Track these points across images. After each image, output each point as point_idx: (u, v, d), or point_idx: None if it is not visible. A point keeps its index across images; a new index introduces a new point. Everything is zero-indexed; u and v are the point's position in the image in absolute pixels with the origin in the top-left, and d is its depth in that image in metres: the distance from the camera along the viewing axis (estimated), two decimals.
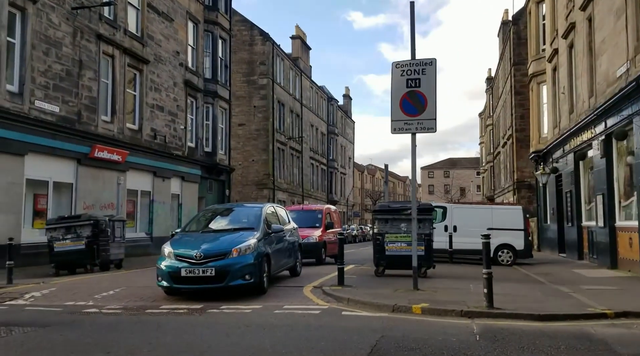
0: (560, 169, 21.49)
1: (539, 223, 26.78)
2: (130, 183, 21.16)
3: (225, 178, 30.25)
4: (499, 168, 47.74)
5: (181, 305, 8.38)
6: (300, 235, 15.19)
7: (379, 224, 11.99)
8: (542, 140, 25.12)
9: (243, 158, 38.95)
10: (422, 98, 9.64)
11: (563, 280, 12.38)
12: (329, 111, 58.25)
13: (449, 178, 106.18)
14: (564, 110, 20.53)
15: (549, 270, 15.38)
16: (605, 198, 15.43)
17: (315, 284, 10.49)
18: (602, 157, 15.56)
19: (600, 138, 15.75)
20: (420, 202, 12.57)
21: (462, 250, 18.41)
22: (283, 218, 11.57)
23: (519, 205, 21.07)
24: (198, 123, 26.87)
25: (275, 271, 10.27)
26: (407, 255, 11.57)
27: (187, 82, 25.64)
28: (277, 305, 8.19)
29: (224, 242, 9.03)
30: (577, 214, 19.14)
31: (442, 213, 18.96)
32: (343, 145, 66.15)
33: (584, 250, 18.70)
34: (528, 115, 31.49)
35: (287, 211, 12.30)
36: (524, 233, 18.17)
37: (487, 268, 7.72)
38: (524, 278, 12.84)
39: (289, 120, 44.06)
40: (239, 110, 39.14)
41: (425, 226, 11.87)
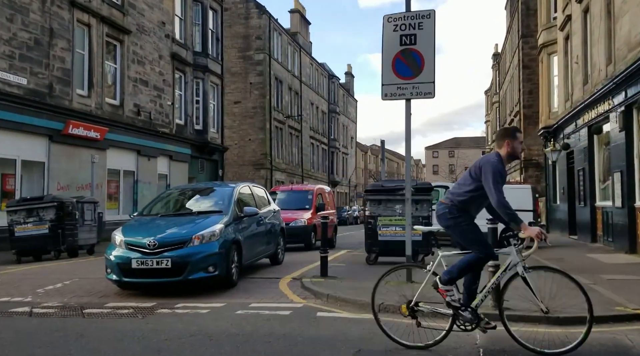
0: (572, 145, 19.98)
1: (547, 203, 25.35)
2: (112, 162, 19.85)
3: (218, 157, 28.91)
4: None
5: (129, 302, 7.08)
6: (287, 218, 13.92)
7: (370, 206, 10.63)
8: (552, 115, 23.55)
9: (239, 138, 37.54)
10: (419, 57, 8.17)
11: (579, 267, 11.00)
12: (330, 89, 56.52)
13: (454, 158, 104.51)
14: (577, 82, 18.94)
15: (561, 255, 14.02)
16: (623, 175, 13.97)
17: (296, 275, 9.16)
18: (621, 131, 14.06)
19: (619, 109, 14.23)
20: (417, 181, 11.16)
21: None
22: (262, 200, 10.20)
23: (528, 184, 19.63)
24: (187, 100, 25.42)
25: (250, 260, 8.95)
26: (403, 240, 10.24)
27: (175, 55, 24.12)
28: (243, 303, 6.88)
29: (184, 228, 7.70)
30: (591, 193, 17.70)
31: (444, 194, 17.60)
32: (345, 124, 64.54)
33: (598, 232, 17.30)
34: (537, 90, 29.87)
35: (267, 191, 10.90)
36: (533, 214, 16.78)
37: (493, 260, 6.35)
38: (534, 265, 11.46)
39: (287, 97, 42.47)
40: (234, 87, 37.60)
41: (423, 208, 10.50)
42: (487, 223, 6.57)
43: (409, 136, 8.42)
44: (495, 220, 6.45)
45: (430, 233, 10.49)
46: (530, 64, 33.13)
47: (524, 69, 33.95)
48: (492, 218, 6.40)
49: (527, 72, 33.79)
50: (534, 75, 31.97)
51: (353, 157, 70.76)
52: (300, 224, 13.71)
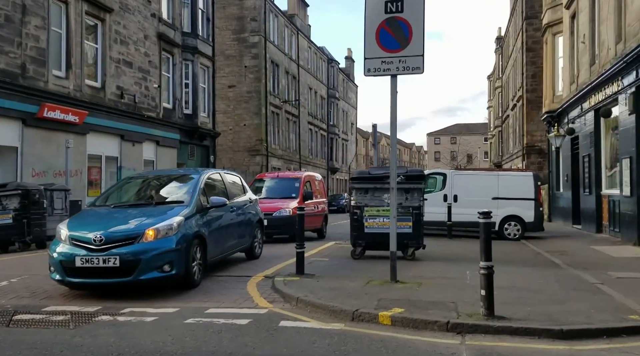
0: (577, 130, 18.96)
1: (550, 190, 24.39)
2: (92, 148, 18.91)
3: (210, 143, 27.95)
4: (508, 133, 45.08)
5: (71, 306, 6.20)
6: (271, 208, 13.01)
7: (356, 195, 9.68)
8: (556, 98, 22.48)
9: (234, 123, 36.51)
10: (406, 27, 7.18)
11: (584, 261, 10.10)
12: (329, 73, 55.27)
13: (456, 145, 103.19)
14: (584, 62, 17.87)
15: (565, 247, 13.11)
16: (633, 162, 12.99)
17: (270, 272, 8.25)
18: (631, 113, 13.05)
19: (629, 91, 13.20)
20: (408, 168, 10.18)
21: (462, 223, 16.13)
22: (235, 188, 9.26)
23: (530, 171, 18.64)
24: (175, 82, 24.38)
25: (218, 256, 8.03)
26: None
27: (161, 35, 23.04)
28: (199, 308, 5.99)
29: (136, 221, 6.77)
30: (596, 181, 16.73)
31: (442, 181, 16.65)
32: (345, 110, 63.37)
33: (603, 221, 16.36)
34: (540, 73, 28.76)
35: (242, 178, 9.94)
36: (535, 203, 15.82)
37: (486, 259, 5.43)
38: (535, 259, 10.57)
39: (284, 82, 41.33)
40: (228, 71, 36.50)
41: (413, 197, 9.56)
42: (478, 217, 5.61)
43: (394, 117, 7.46)
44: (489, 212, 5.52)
45: (421, 225, 9.60)
46: (534, 47, 31.93)
47: (528, 52, 32.76)
48: (485, 212, 5.47)
49: (530, 54, 32.62)
50: (537, 58, 30.82)
51: (353, 144, 69.66)
52: (284, 214, 12.76)
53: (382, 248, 9.51)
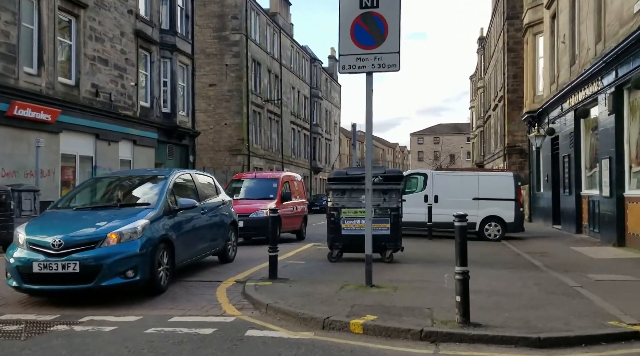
0: (557, 130, 18.96)
1: (531, 191, 24.44)
2: (66, 147, 18.39)
3: (189, 142, 27.50)
4: (489, 133, 45.30)
5: (28, 314, 5.86)
6: (248, 209, 12.70)
7: (333, 196, 9.43)
8: (536, 98, 22.52)
9: (215, 122, 36.06)
10: (382, 23, 6.95)
11: (564, 263, 9.98)
12: (312, 73, 55.00)
13: (439, 145, 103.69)
14: (564, 63, 17.86)
15: (545, 248, 13.02)
16: (612, 162, 12.96)
17: (243, 276, 7.96)
18: (611, 114, 13.02)
19: (608, 91, 13.17)
20: (386, 168, 9.94)
21: (443, 224, 15.99)
22: (207, 189, 8.95)
23: (510, 171, 18.60)
24: (153, 80, 23.89)
25: (187, 260, 7.71)
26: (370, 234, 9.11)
27: (139, 32, 22.55)
28: (163, 316, 5.69)
29: (99, 224, 6.43)
30: (576, 181, 16.72)
31: (423, 182, 16.51)
32: (328, 109, 63.16)
33: (583, 222, 16.37)
34: (521, 74, 28.85)
35: (215, 179, 9.62)
36: (515, 203, 15.75)
37: (461, 264, 5.21)
38: (514, 261, 10.42)
39: (266, 81, 40.95)
40: (209, 69, 36.04)
41: (391, 198, 9.33)
42: (453, 220, 5.39)
43: (370, 115, 7.22)
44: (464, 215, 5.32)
45: (399, 226, 9.38)
46: (515, 47, 32.07)
47: (509, 52, 32.90)
48: (461, 215, 5.26)
49: (511, 55, 32.77)
50: (519, 59, 30.92)
51: (337, 143, 69.48)
52: (261, 215, 12.43)
53: (360, 250, 9.27)
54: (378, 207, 9.26)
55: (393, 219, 9.31)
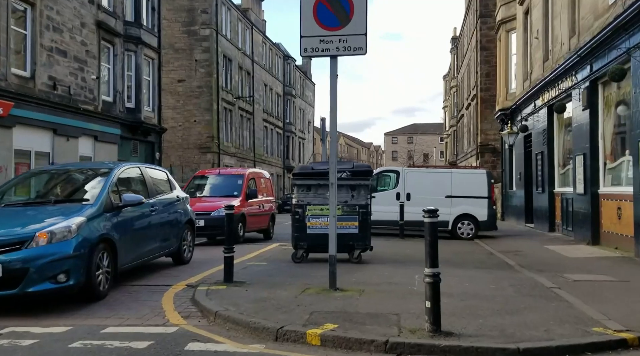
0: (530, 128, 18.73)
1: (503, 189, 24.27)
2: (20, 142, 17.30)
3: (155, 139, 26.52)
4: (462, 132, 45.34)
5: None
6: (208, 207, 11.99)
7: (298, 192, 8.83)
8: (509, 96, 22.32)
9: (184, 119, 35.07)
10: (347, 3, 6.37)
11: (538, 262, 9.58)
12: (286, 70, 54.28)
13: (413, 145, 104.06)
14: (537, 59, 17.62)
15: (518, 246, 12.66)
16: (586, 159, 12.67)
17: (196, 280, 7.28)
18: (585, 109, 12.72)
19: (583, 85, 12.88)
20: (355, 163, 9.37)
21: (415, 222, 15.54)
22: (159, 185, 8.23)
23: (483, 169, 18.29)
24: (117, 74, 22.88)
25: (133, 262, 7.00)
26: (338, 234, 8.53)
27: (100, 23, 21.53)
28: (96, 326, 5.00)
29: (27, 222, 5.69)
30: (549, 179, 16.48)
31: (396, 179, 16.05)
32: (302, 108, 62.52)
33: (556, 220, 16.12)
34: (494, 73, 28.73)
35: (170, 174, 8.89)
36: (488, 201, 15.40)
37: (432, 266, 4.65)
38: (488, 261, 9.98)
39: (237, 77, 40.10)
40: (178, 64, 35.05)
41: (360, 195, 8.77)
42: (424, 217, 4.84)
43: (334, 103, 6.64)
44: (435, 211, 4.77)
45: (369, 225, 8.83)
46: (488, 46, 31.97)
47: (482, 51, 32.79)
48: (431, 210, 4.71)
49: (484, 53, 32.66)
50: (491, 57, 30.84)
51: (311, 142, 68.88)
52: (223, 214, 11.66)
53: (326, 250, 8.69)
54: (345, 204, 8.69)
55: (361, 217, 8.75)
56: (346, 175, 8.69)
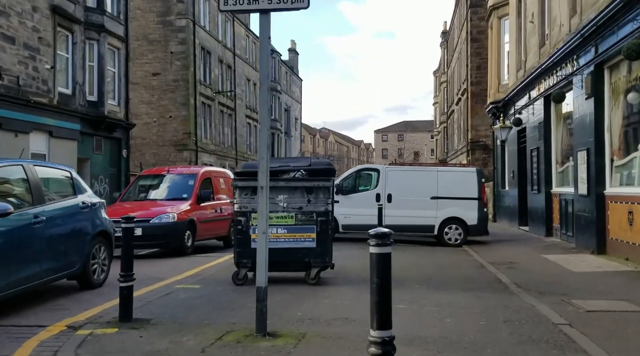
0: (524, 121, 17.08)
1: (495, 188, 22.64)
2: None
3: (122, 135, 24.60)
4: (453, 129, 43.78)
5: None
6: (148, 213, 10.17)
7: (241, 196, 7.07)
8: (501, 88, 20.67)
9: (158, 114, 33.16)
10: None
11: (537, 279, 7.92)
12: (270, 65, 52.38)
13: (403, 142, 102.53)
14: (532, 45, 15.96)
15: (513, 256, 11.00)
16: (590, 154, 11.02)
17: (85, 317, 5.42)
18: (589, 98, 11.07)
19: (586, 71, 11.22)
20: (312, 159, 7.56)
21: (396, 227, 13.83)
22: (56, 187, 6.46)
23: (473, 166, 16.65)
24: (76, 64, 20.96)
25: (8, 291, 5.21)
26: (290, 248, 6.86)
27: (56, 8, 19.60)
28: None
29: None
30: (546, 178, 14.84)
31: (376, 179, 14.35)
32: (288, 104, 60.69)
33: (554, 223, 14.49)
34: (485, 65, 27.09)
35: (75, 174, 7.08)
36: (479, 203, 13.74)
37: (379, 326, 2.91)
38: (477, 278, 8.28)
39: (217, 71, 38.21)
40: (152, 57, 33.13)
41: (318, 199, 7.03)
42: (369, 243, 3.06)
43: (265, 70, 4.91)
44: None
45: (329, 236, 7.10)
46: (479, 37, 30.34)
47: (472, 42, 31.16)
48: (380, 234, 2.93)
49: (475, 45, 31.04)
50: (482, 49, 29.21)
51: (298, 140, 67.10)
52: (166, 221, 9.88)
53: (277, 268, 7.00)
54: (300, 211, 6.96)
55: (320, 227, 7.00)
56: (301, 175, 6.97)
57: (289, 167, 7.04)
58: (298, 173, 6.97)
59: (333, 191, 7.08)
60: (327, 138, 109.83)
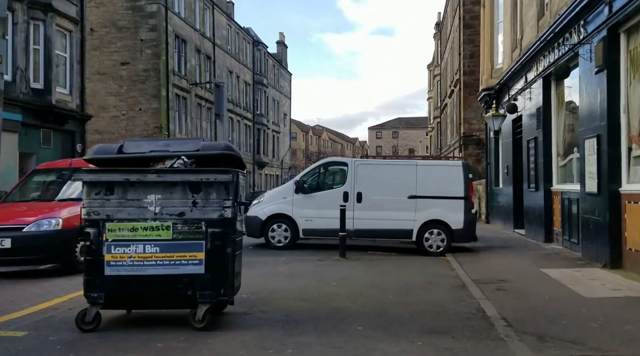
0: (520, 109, 14.81)
1: (488, 186, 20.37)
2: None
3: (76, 128, 22.24)
4: (446, 123, 41.54)
5: None
6: (21, 221, 7.82)
7: (90, 196, 4.69)
8: (495, 73, 18.38)
9: (128, 107, 30.84)
10: None
11: (536, 311, 5.66)
12: (256, 57, 50.03)
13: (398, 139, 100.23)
14: (530, 18, 13.68)
15: (504, 270, 8.72)
16: (602, 143, 8.75)
17: None
18: (600, 71, 8.79)
19: (596, 37, 8.94)
20: (204, 142, 5.13)
21: (367, 232, 11.67)
22: None
23: (459, 160, 14.39)
24: (17, 47, 18.61)
25: None
26: (164, 276, 4.55)
27: None
28: None
29: None
30: (545, 173, 12.56)
31: (347, 174, 12.11)
32: (276, 99, 58.34)
33: (554, 227, 12.22)
34: (479, 53, 24.85)
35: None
36: (465, 203, 11.49)
37: None
38: (452, 308, 5.99)
39: (194, 61, 35.85)
40: (121, 45, 30.79)
41: (209, 201, 4.70)
42: None
43: None
44: None
45: (228, 257, 4.79)
46: (472, 23, 28.10)
47: (465, 29, 28.93)
48: None
49: (468, 32, 28.82)
50: (476, 36, 26.89)
51: (287, 136, 64.73)
52: (46, 228, 7.47)
53: (145, 304, 4.70)
54: (181, 219, 4.66)
55: (212, 243, 4.67)
56: (182, 164, 4.66)
57: (166, 153, 4.72)
58: (177, 161, 4.66)
59: (236, 189, 4.76)
60: (321, 135, 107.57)
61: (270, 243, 11.93)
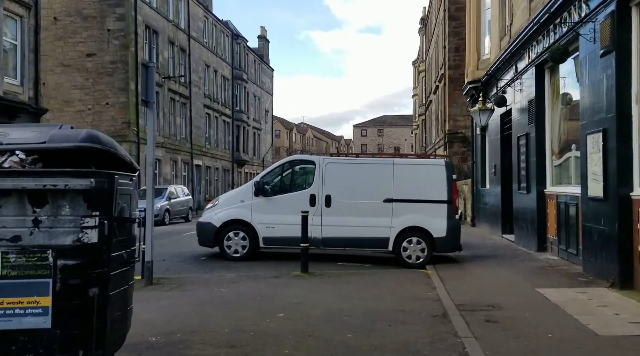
0: (509, 102, 13.40)
1: (474, 186, 18.99)
2: None
3: (29, 122, 20.41)
4: (431, 121, 40.22)
5: None
6: None
7: None
8: (481, 64, 16.97)
9: (94, 101, 28.97)
10: None
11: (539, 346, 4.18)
12: (235, 51, 48.23)
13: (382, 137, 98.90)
14: (520, 1, 12.26)
15: (493, 289, 7.27)
16: (608, 138, 7.33)
17: None
18: (606, 53, 7.37)
19: (601, 14, 7.50)
20: (55, 130, 3.54)
21: (336, 240, 10.18)
22: None
23: (442, 158, 12.96)
24: None
25: None
26: None
27: None
28: None
29: None
30: (538, 173, 11.15)
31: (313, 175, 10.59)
32: (257, 95, 56.57)
33: (549, 234, 10.82)
34: (464, 46, 23.47)
35: None
36: (448, 208, 10.04)
37: None
38: (430, 347, 4.50)
39: (166, 54, 34.03)
40: (87, 35, 28.92)
41: (59, 219, 3.10)
42: None
43: None
44: None
45: (84, 301, 3.16)
46: (458, 14, 26.75)
47: (450, 21, 27.56)
48: None
49: (453, 24, 27.47)
50: (461, 28, 25.51)
51: (269, 133, 62.97)
52: None
53: None
54: (15, 246, 3.07)
55: (63, 281, 3.10)
56: (17, 162, 3.08)
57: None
58: (12, 158, 3.09)
59: (109, 200, 3.20)
60: (305, 133, 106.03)
61: (226, 253, 10.39)
